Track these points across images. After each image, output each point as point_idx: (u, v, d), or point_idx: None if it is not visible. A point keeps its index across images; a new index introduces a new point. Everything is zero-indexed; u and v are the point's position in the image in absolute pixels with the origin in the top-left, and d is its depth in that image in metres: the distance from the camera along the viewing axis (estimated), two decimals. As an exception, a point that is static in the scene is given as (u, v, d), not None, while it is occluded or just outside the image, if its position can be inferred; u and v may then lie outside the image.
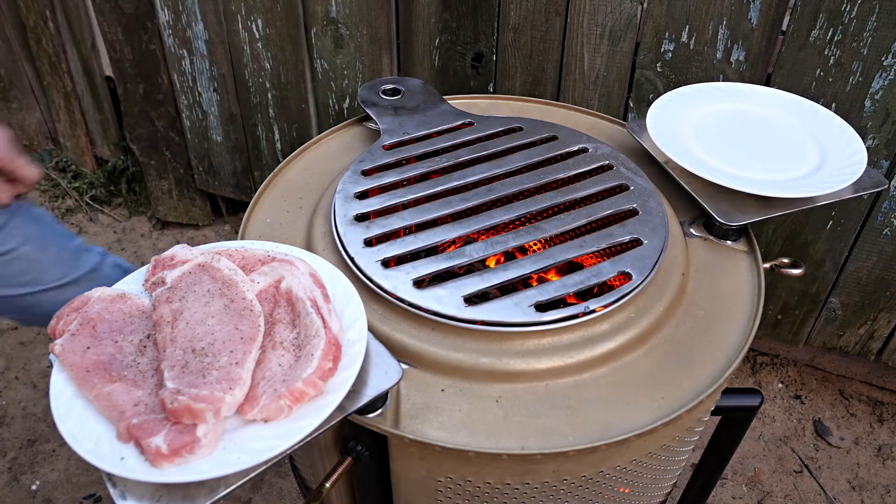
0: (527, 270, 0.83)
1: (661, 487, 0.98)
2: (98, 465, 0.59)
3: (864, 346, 1.73)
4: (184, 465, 0.59)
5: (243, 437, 0.62)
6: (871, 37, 1.29)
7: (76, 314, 0.69)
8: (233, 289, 0.71)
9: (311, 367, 0.64)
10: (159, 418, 0.61)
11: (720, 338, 0.83)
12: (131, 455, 0.60)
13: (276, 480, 1.69)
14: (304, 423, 0.63)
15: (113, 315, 0.70)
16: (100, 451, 0.60)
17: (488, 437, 0.73)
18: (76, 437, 0.61)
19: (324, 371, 0.65)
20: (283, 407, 0.63)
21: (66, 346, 0.67)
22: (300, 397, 0.63)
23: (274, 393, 0.63)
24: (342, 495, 0.94)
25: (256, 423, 0.63)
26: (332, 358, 0.66)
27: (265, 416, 0.63)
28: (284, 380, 0.65)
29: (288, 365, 0.66)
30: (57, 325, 0.69)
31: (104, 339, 0.68)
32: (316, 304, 0.71)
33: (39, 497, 1.66)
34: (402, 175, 0.97)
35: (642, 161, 1.02)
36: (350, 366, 0.67)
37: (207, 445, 0.60)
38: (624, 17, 1.43)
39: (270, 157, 2.06)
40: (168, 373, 0.63)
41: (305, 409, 0.64)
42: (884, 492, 1.67)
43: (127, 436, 0.61)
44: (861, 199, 1.49)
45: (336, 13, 1.67)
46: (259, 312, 0.69)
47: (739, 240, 0.95)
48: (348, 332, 0.70)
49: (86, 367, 0.65)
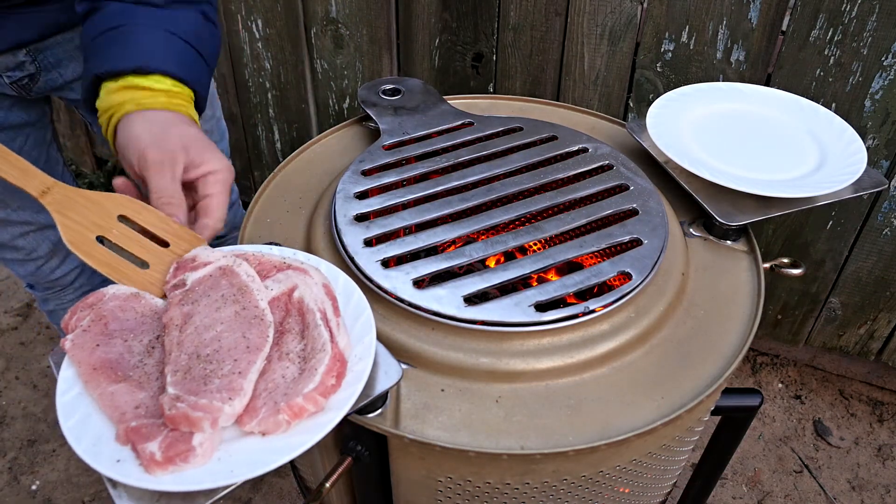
0: (527, 270, 0.83)
1: (661, 487, 0.98)
2: (93, 465, 0.59)
3: (864, 346, 1.73)
4: (177, 472, 0.58)
5: (239, 449, 0.61)
6: (871, 37, 1.29)
7: (90, 310, 0.69)
8: (246, 295, 0.70)
9: (313, 382, 0.63)
10: (158, 423, 0.61)
11: (720, 338, 0.83)
12: (128, 458, 0.59)
13: (277, 480, 1.69)
14: (301, 438, 0.61)
15: (126, 314, 0.69)
16: (97, 451, 0.60)
17: (488, 437, 0.73)
18: (77, 435, 0.61)
19: (326, 387, 0.64)
20: (281, 422, 0.62)
21: (77, 341, 0.66)
22: (299, 413, 0.62)
23: (274, 406, 0.62)
24: (342, 495, 0.94)
25: (254, 436, 0.62)
26: (336, 374, 0.65)
27: (263, 429, 0.62)
28: (286, 393, 0.63)
29: (292, 377, 0.65)
30: (70, 320, 0.69)
31: (115, 338, 0.67)
32: (325, 317, 0.69)
33: (39, 497, 1.66)
34: (402, 175, 0.97)
35: (642, 161, 1.02)
36: (354, 383, 0.65)
37: (202, 455, 0.59)
38: (624, 17, 1.43)
39: (270, 157, 2.06)
40: (170, 377, 0.63)
41: (304, 426, 0.63)
42: (884, 492, 1.67)
43: (125, 438, 0.61)
44: (861, 199, 1.49)
45: (336, 13, 1.67)
46: (270, 322, 0.68)
47: (739, 240, 0.95)
48: (356, 347, 0.69)
49: (93, 365, 0.65)
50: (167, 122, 0.80)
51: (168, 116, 0.81)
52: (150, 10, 0.85)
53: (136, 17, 0.84)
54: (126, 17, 0.84)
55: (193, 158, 0.78)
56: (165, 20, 0.85)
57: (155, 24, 0.84)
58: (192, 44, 0.86)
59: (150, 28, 0.83)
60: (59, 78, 1.12)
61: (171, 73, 0.83)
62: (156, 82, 0.82)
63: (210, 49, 0.90)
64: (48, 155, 1.25)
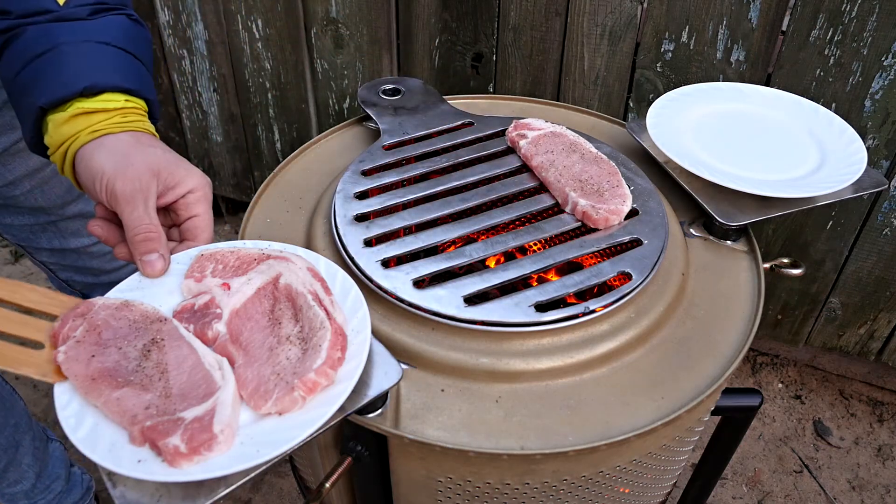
0: (527, 270, 0.83)
1: (661, 487, 0.98)
2: (117, 470, 0.59)
3: (864, 346, 1.73)
4: (203, 462, 0.59)
5: (260, 431, 0.63)
6: (871, 37, 1.29)
7: (82, 319, 0.69)
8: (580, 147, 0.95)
9: (320, 357, 0.65)
10: (173, 419, 0.61)
11: (720, 338, 0.83)
12: (148, 457, 0.60)
13: (276, 480, 1.69)
14: (318, 412, 0.63)
15: (119, 322, 0.69)
16: (116, 456, 0.60)
17: (488, 437, 0.73)
18: (91, 445, 0.61)
19: (333, 360, 0.66)
20: (297, 398, 0.64)
21: (70, 353, 0.66)
22: (313, 388, 0.64)
23: (286, 386, 0.64)
24: (342, 495, 0.94)
25: (271, 417, 0.64)
26: (340, 347, 0.67)
27: (279, 408, 0.64)
28: (295, 372, 0.65)
29: (296, 358, 0.67)
30: (62, 329, 0.69)
31: (109, 347, 0.67)
32: (317, 297, 0.71)
33: None
34: (402, 175, 0.97)
35: (642, 161, 1.02)
36: (357, 355, 0.68)
37: (225, 441, 0.60)
38: (624, 17, 1.43)
39: (270, 157, 2.06)
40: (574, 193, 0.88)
41: (318, 400, 0.65)
42: (884, 492, 1.67)
43: (142, 439, 0.61)
44: (861, 199, 1.49)
45: (336, 13, 1.67)
46: None
47: (739, 240, 0.95)
48: (351, 322, 0.71)
49: (91, 376, 0.65)
50: (128, 146, 0.73)
51: (127, 140, 0.74)
52: (74, 25, 0.76)
53: (62, 35, 0.75)
54: (51, 39, 0.75)
55: (167, 181, 0.74)
56: (94, 32, 0.77)
57: (84, 37, 0.76)
58: (129, 50, 0.79)
59: (81, 44, 0.75)
60: None
61: (121, 87, 0.76)
62: (107, 101, 0.75)
63: (145, 52, 0.82)
64: None
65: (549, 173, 0.93)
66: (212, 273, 0.76)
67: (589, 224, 0.88)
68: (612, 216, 0.87)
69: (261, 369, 0.67)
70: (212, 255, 0.78)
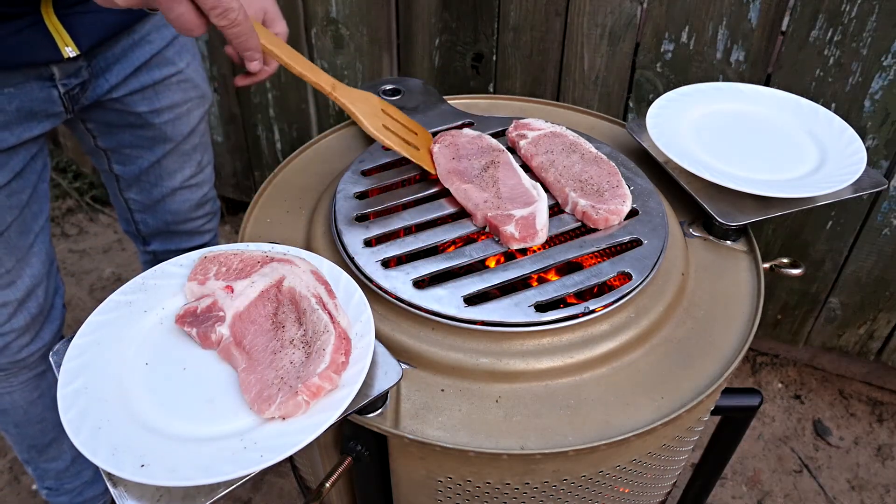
0: (527, 270, 0.83)
1: (661, 487, 0.98)
2: (119, 474, 0.60)
3: (863, 346, 1.73)
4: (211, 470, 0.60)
5: (263, 436, 0.63)
6: (870, 37, 1.29)
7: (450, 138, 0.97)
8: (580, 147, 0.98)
9: (324, 361, 0.65)
10: (506, 214, 0.84)
11: (720, 338, 0.83)
12: (151, 462, 0.61)
13: (276, 480, 1.69)
14: (322, 416, 0.63)
15: (471, 145, 0.96)
16: (118, 460, 0.61)
17: (488, 437, 0.73)
18: (91, 448, 0.62)
19: (337, 365, 0.66)
20: (300, 403, 0.64)
21: (439, 151, 0.95)
22: (317, 392, 0.64)
23: (290, 390, 0.64)
24: (342, 495, 0.94)
25: (274, 422, 0.64)
26: (344, 352, 0.67)
27: (283, 413, 0.64)
28: (298, 376, 0.65)
29: (300, 362, 0.67)
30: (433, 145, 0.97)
31: (462, 158, 0.94)
32: (321, 301, 0.71)
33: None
34: (402, 175, 0.97)
35: (642, 161, 1.02)
36: (361, 359, 0.68)
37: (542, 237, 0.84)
38: (624, 17, 1.43)
39: (270, 157, 2.06)
40: (574, 193, 0.90)
41: (322, 404, 0.65)
42: (883, 492, 1.67)
43: (483, 221, 0.86)
44: (861, 199, 1.49)
45: (336, 13, 1.68)
46: None
47: (739, 240, 0.95)
48: (355, 325, 0.71)
49: (448, 170, 0.92)
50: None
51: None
52: None
53: None
54: None
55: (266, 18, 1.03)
56: None
57: None
58: None
59: None
60: (105, 83, 1.12)
61: None
62: None
63: None
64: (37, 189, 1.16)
65: (549, 173, 0.93)
66: (215, 276, 0.76)
67: (589, 224, 0.88)
68: (611, 216, 0.87)
69: (264, 373, 0.67)
70: (215, 258, 0.78)
